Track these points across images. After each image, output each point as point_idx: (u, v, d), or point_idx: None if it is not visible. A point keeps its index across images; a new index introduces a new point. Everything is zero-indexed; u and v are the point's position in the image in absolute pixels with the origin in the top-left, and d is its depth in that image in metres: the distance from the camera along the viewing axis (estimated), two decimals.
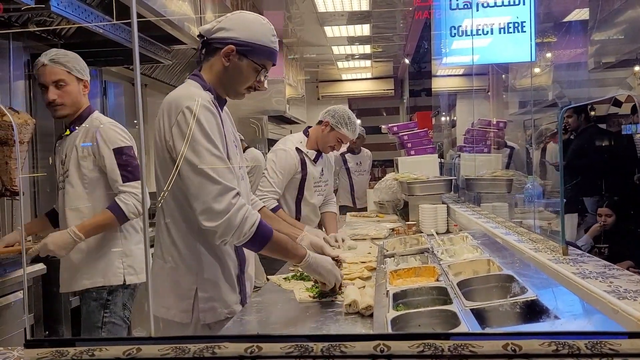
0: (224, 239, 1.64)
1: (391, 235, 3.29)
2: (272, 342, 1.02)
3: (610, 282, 1.45)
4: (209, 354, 1.01)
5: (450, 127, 7.16)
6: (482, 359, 0.97)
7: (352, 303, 1.72)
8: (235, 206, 1.63)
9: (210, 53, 1.77)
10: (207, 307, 1.75)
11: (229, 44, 1.72)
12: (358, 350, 1.00)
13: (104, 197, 2.42)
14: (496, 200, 3.41)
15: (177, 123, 1.64)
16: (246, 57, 1.74)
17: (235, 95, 1.83)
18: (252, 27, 1.76)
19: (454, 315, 1.37)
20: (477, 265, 1.89)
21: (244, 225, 1.63)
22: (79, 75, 2.44)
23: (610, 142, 4.59)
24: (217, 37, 1.74)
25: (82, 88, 2.45)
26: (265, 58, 1.78)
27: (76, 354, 1.03)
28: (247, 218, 1.64)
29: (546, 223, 2.49)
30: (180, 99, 1.67)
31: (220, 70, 1.76)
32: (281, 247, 1.77)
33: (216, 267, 1.77)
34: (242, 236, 1.64)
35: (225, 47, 1.72)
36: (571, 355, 0.95)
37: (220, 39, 1.73)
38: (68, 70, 2.40)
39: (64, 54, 2.43)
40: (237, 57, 1.73)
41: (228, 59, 1.74)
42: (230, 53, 1.73)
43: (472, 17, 3.93)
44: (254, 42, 1.74)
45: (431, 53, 6.13)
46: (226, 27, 1.73)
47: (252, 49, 1.74)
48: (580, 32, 3.95)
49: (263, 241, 1.69)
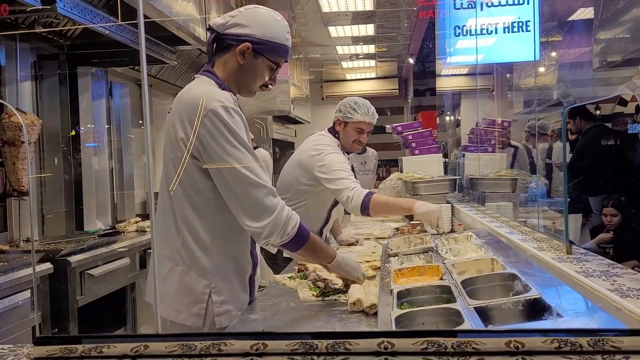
0: (269, 239, 1.63)
1: (395, 234, 3.29)
2: (278, 340, 1.03)
3: (613, 281, 1.46)
4: (215, 350, 1.03)
5: (454, 126, 7.15)
6: (485, 355, 0.97)
7: (356, 302, 1.73)
8: (279, 205, 1.63)
9: (223, 49, 1.72)
10: (222, 310, 1.72)
11: (245, 41, 1.67)
12: (362, 347, 1.01)
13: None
14: (501, 199, 3.42)
15: (203, 125, 1.59)
16: (262, 55, 1.70)
17: (248, 93, 1.79)
18: (268, 24, 1.71)
19: (457, 314, 1.37)
20: (481, 264, 1.90)
21: (287, 225, 1.63)
22: None
23: (616, 141, 4.57)
24: (231, 33, 1.69)
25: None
26: (280, 56, 1.74)
27: (84, 351, 1.04)
28: (290, 217, 1.65)
29: (550, 222, 2.50)
30: (204, 100, 1.60)
31: (235, 67, 1.71)
32: (317, 248, 1.78)
33: (231, 269, 1.75)
34: (285, 235, 1.64)
35: (241, 45, 1.68)
36: (573, 352, 0.96)
37: (235, 35, 1.69)
38: None
39: None
40: (252, 54, 1.69)
41: (243, 56, 1.69)
42: (246, 51, 1.68)
43: (477, 16, 3.93)
44: (269, 39, 1.70)
45: (435, 53, 6.13)
46: (241, 22, 1.69)
47: (268, 47, 1.70)
48: (584, 31, 3.94)
49: (302, 241, 1.69)
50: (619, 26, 3.74)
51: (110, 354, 1.04)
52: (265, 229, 1.61)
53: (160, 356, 1.03)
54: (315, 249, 1.77)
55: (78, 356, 1.05)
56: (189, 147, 1.61)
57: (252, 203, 1.61)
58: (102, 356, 1.04)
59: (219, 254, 1.72)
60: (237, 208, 1.63)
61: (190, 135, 1.60)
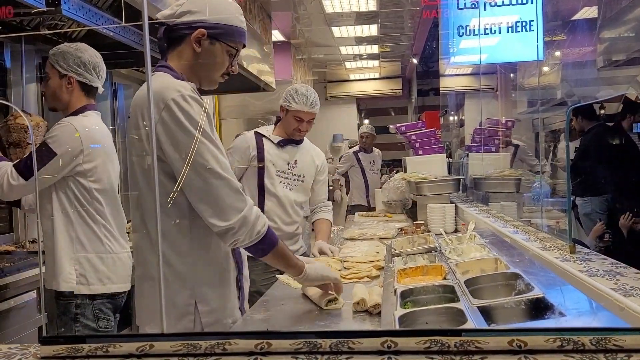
0: (237, 239, 1.53)
1: (399, 234, 3.30)
2: (282, 339, 1.04)
3: (616, 280, 1.46)
4: (220, 350, 1.04)
5: (458, 126, 7.15)
6: (488, 354, 0.98)
7: (360, 301, 1.74)
8: (248, 203, 1.55)
9: (175, 41, 1.61)
10: (212, 320, 1.61)
11: (198, 27, 1.57)
12: (365, 346, 1.02)
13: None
14: (505, 199, 3.41)
15: (162, 120, 1.47)
16: (218, 40, 1.60)
17: (210, 84, 1.66)
18: (220, 8, 1.61)
19: (461, 313, 1.38)
20: (485, 264, 1.90)
21: (257, 223, 1.54)
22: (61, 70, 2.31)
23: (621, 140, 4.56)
24: (182, 22, 1.58)
25: (66, 84, 2.31)
26: (237, 39, 1.64)
27: (91, 350, 1.06)
28: (259, 217, 1.56)
29: (554, 222, 2.50)
30: (160, 94, 1.48)
31: (191, 57, 1.59)
32: (285, 254, 1.67)
33: (215, 274, 1.64)
34: (253, 235, 1.54)
35: (195, 32, 1.57)
36: (576, 350, 0.96)
37: (187, 23, 1.58)
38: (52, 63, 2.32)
39: (58, 48, 2.34)
40: (208, 41, 1.59)
41: (199, 44, 1.58)
42: (200, 37, 1.57)
43: (480, 16, 3.93)
44: (224, 22, 1.60)
45: (439, 53, 6.12)
46: (191, 9, 1.58)
47: (223, 31, 1.60)
48: (588, 30, 3.94)
49: (271, 244, 1.60)
50: (623, 25, 3.73)
51: (116, 353, 1.05)
52: (235, 225, 1.50)
53: (165, 355, 1.04)
54: (285, 255, 1.67)
55: (84, 355, 1.06)
56: (151, 147, 1.46)
57: (219, 201, 1.50)
58: (108, 355, 1.05)
59: (200, 261, 1.61)
60: (201, 205, 1.51)
61: (150, 134, 1.47)
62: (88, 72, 2.33)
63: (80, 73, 2.32)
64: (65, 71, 2.30)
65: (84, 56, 2.33)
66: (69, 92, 2.32)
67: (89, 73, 2.34)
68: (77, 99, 2.34)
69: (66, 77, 2.31)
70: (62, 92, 2.32)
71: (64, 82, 2.31)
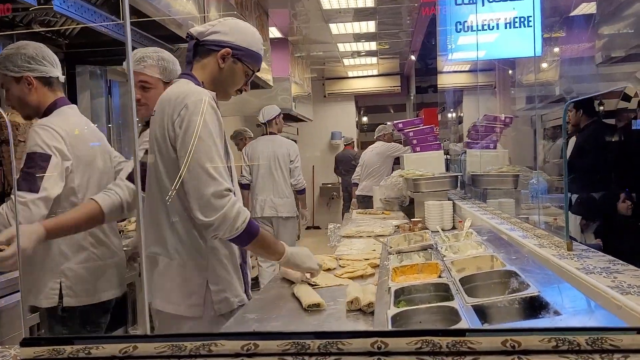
0: (216, 233, 1.70)
1: (396, 232, 3.27)
2: (269, 340, 1.01)
3: (614, 278, 1.43)
4: (205, 351, 1.01)
5: (457, 123, 7.13)
6: (480, 355, 0.95)
7: (354, 300, 1.72)
8: (230, 202, 1.70)
9: (202, 54, 1.84)
10: (221, 298, 1.80)
11: (225, 47, 1.81)
12: (355, 347, 0.99)
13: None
14: (502, 196, 3.39)
15: (180, 118, 1.70)
16: (240, 60, 1.84)
17: (224, 97, 1.90)
18: (247, 34, 1.87)
19: (455, 312, 1.36)
20: (481, 262, 1.88)
21: (236, 220, 1.70)
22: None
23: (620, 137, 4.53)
24: (211, 40, 1.82)
25: (26, 86, 2.17)
26: (255, 63, 1.89)
27: (73, 352, 1.03)
28: (240, 213, 1.71)
29: (552, 219, 2.47)
30: (183, 95, 1.72)
31: (214, 71, 1.83)
32: (265, 244, 1.87)
33: (225, 258, 1.83)
34: (233, 230, 1.70)
35: (223, 50, 1.81)
36: (571, 351, 0.94)
37: (216, 41, 1.82)
38: (3, 73, 2.17)
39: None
40: (231, 59, 1.83)
41: (224, 60, 1.82)
42: (226, 55, 1.81)
43: (477, 12, 3.90)
44: (248, 47, 1.85)
45: (437, 49, 6.10)
46: (221, 31, 1.83)
47: (246, 54, 1.85)
48: (587, 26, 3.91)
49: (251, 236, 1.76)
50: (622, 21, 3.71)
51: (99, 355, 1.02)
52: (215, 222, 1.68)
53: (149, 357, 1.01)
54: (264, 245, 1.86)
55: (66, 357, 1.03)
56: (171, 143, 1.72)
57: (203, 198, 1.68)
58: (90, 357, 1.02)
59: (214, 245, 1.81)
60: (189, 198, 1.71)
61: (171, 130, 1.72)
62: (40, 64, 2.18)
63: (33, 69, 2.17)
64: (19, 73, 2.15)
65: (28, 51, 2.17)
66: (33, 92, 2.19)
67: (42, 65, 2.19)
68: (44, 97, 2.21)
69: (23, 79, 2.16)
70: (26, 95, 2.18)
71: (24, 85, 2.17)
